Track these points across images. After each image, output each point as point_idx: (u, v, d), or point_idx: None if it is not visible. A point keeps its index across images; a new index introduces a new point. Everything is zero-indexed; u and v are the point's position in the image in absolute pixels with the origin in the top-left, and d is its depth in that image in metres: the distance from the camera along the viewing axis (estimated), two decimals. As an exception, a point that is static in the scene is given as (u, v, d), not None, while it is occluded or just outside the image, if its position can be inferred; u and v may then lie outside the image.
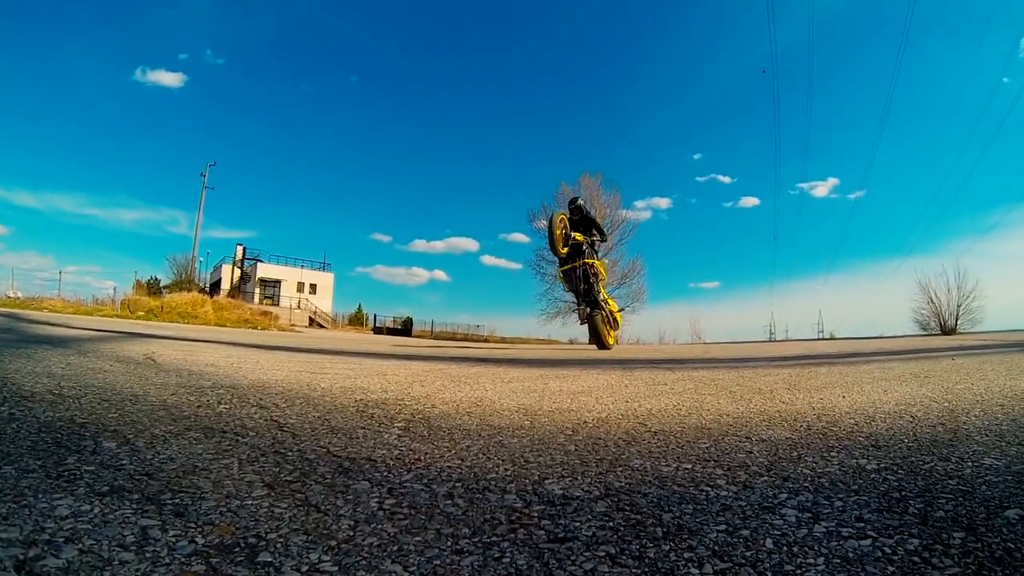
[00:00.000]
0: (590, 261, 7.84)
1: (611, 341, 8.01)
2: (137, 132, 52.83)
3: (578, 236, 7.77)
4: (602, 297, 7.99)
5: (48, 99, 49.27)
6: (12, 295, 23.61)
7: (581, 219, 8.18)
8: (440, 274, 48.35)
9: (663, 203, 45.10)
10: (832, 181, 43.24)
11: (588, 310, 7.81)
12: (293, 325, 27.75)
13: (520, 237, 49.52)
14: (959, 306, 27.13)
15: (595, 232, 8.14)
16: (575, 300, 7.97)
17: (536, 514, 0.91)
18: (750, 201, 45.71)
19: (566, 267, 7.82)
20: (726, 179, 46.70)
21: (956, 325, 26.64)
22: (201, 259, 35.95)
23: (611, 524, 0.86)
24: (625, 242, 34.74)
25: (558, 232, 7.51)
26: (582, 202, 8.33)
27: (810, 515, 0.89)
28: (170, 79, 46.24)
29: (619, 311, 8.41)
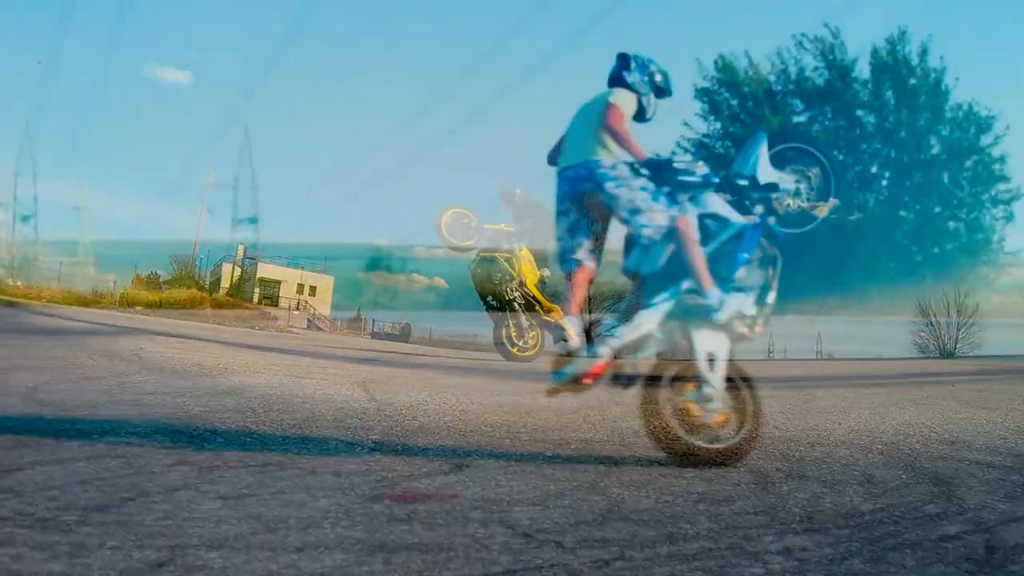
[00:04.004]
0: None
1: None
2: (144, 128, 53.14)
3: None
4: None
5: (57, 91, 49.63)
6: (12, 283, 23.52)
7: None
8: (440, 281, 48.25)
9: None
10: (832, 201, 43.47)
11: None
12: (291, 327, 27.72)
13: (521, 248, 49.48)
14: (959, 330, 27.08)
15: None
16: None
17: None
18: (750, 217, 46.01)
19: None
20: (729, 195, 47.06)
21: (955, 349, 26.54)
22: (202, 257, 36.04)
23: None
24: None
25: None
26: None
27: (796, 562, 0.82)
28: (178, 76, 46.62)
29: None
